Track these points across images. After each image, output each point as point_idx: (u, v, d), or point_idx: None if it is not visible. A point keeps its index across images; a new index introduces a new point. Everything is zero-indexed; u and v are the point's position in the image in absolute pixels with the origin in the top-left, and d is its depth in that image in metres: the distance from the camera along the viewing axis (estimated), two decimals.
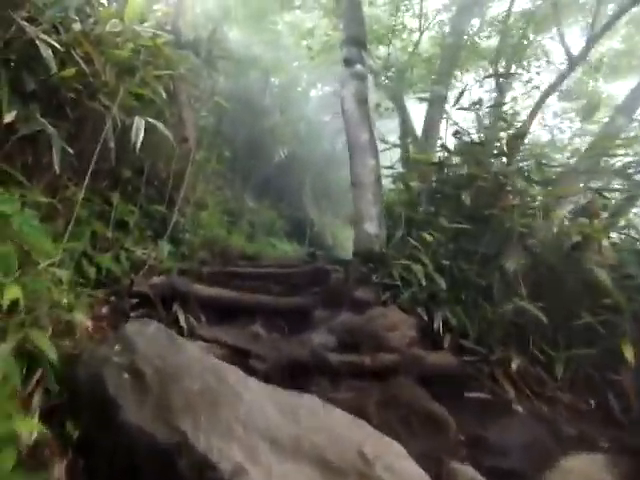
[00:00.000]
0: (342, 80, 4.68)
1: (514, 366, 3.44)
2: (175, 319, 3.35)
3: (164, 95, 4.59)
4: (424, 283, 3.71)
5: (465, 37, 6.31)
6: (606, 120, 7.13)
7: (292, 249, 10.09)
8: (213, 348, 3.05)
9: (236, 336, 3.31)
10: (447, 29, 6.75)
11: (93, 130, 4.12)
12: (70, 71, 3.23)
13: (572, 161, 5.16)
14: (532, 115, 5.75)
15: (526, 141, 4.54)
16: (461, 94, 4.42)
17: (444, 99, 5.88)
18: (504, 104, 5.25)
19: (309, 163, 11.44)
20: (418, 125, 6.25)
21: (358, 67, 4.61)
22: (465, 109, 4.52)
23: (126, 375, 2.07)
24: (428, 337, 3.69)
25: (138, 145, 3.42)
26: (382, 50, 7.26)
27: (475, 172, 3.98)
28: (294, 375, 3.01)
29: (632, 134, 6.95)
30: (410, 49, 7.06)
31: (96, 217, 4.58)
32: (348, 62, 4.60)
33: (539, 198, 4.10)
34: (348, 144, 4.54)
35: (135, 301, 3.42)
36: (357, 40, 4.67)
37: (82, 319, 2.62)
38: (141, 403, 1.92)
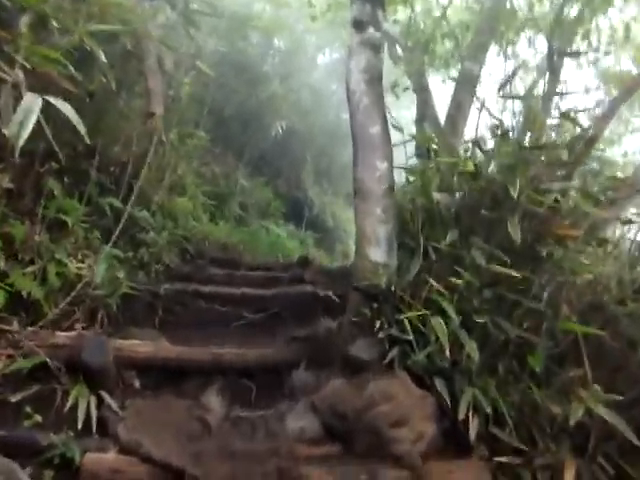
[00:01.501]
0: (350, 49, 3.40)
1: (569, 477, 2.36)
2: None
3: (103, 58, 3.33)
4: (446, 343, 2.57)
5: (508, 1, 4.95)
6: None
7: (288, 233, 8.91)
8: (132, 466, 1.94)
9: (173, 429, 2.20)
10: None
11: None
12: None
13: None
14: (607, 114, 4.42)
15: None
16: (512, 75, 3.18)
17: (476, 79, 4.58)
18: (566, 94, 3.99)
19: (311, 137, 10.08)
20: (440, 111, 4.99)
21: (371, 32, 3.32)
22: (514, 97, 3.27)
23: None
24: (447, 417, 2.59)
25: (26, 131, 2.17)
26: (401, 13, 5.86)
27: (526, 188, 2.76)
28: None
29: None
30: (437, 13, 5.67)
31: (21, 214, 3.46)
32: (358, 24, 3.31)
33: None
34: (353, 137, 3.30)
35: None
36: None
37: None
38: None
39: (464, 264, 2.85)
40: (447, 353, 2.51)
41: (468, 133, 4.59)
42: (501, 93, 3.33)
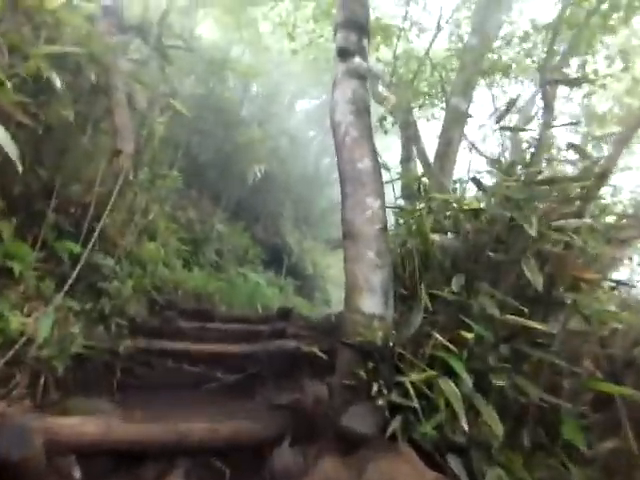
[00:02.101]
0: (334, 79, 3.09)
1: None
2: None
3: (58, 84, 2.94)
4: (461, 411, 2.11)
5: (496, 38, 4.80)
6: None
7: (267, 280, 8.43)
8: None
9: None
10: (468, 29, 5.24)
11: None
12: None
13: None
14: (619, 145, 4.17)
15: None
16: (509, 106, 2.89)
17: (465, 116, 4.35)
18: (576, 123, 3.74)
19: (289, 183, 9.79)
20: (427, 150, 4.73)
21: (357, 61, 3.03)
22: (513, 130, 2.98)
23: None
24: None
25: None
26: (385, 53, 5.68)
27: (540, 226, 2.40)
28: None
29: None
30: (418, 52, 5.51)
31: None
32: (344, 53, 3.01)
33: None
34: (339, 174, 2.92)
35: None
36: (357, 24, 3.10)
37: None
38: None
39: (471, 314, 2.43)
40: (463, 423, 2.04)
41: (457, 171, 4.31)
42: (497, 127, 3.03)
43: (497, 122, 2.90)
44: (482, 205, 2.98)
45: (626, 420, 2.08)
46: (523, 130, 2.97)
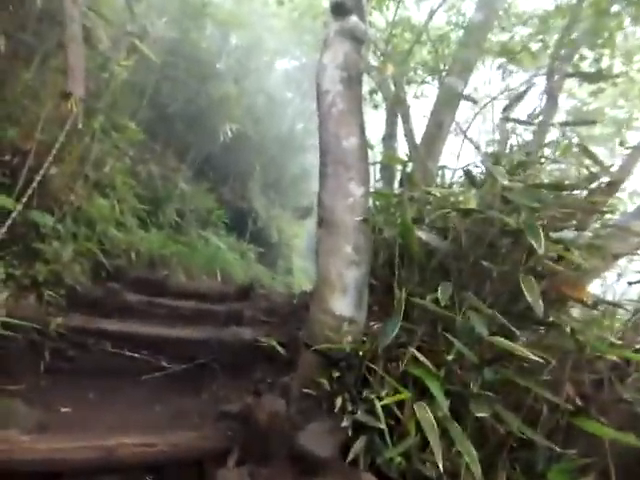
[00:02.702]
0: (325, 39, 2.64)
1: None
2: None
3: None
4: (437, 446, 1.83)
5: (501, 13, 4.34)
6: None
7: (229, 245, 8.00)
8: None
9: None
10: (471, 2, 4.79)
11: None
12: None
13: None
14: (630, 160, 3.81)
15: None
16: (522, 94, 2.54)
17: (459, 98, 3.94)
18: (593, 122, 3.42)
19: (261, 145, 9.21)
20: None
21: (354, 20, 2.59)
22: (522, 122, 2.65)
23: None
24: None
25: None
26: (378, 19, 5.15)
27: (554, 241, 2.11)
28: None
29: None
30: (415, 23, 5.02)
31: None
32: (339, 9, 2.55)
33: None
34: (321, 149, 2.52)
35: None
36: None
37: None
38: None
39: (454, 329, 2.14)
40: (437, 459, 1.76)
41: (444, 158, 3.96)
42: (501, 116, 2.68)
43: (504, 111, 2.55)
44: (472, 201, 2.67)
45: (610, 461, 1.87)
46: (530, 124, 2.65)
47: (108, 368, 2.65)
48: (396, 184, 3.84)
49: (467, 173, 2.74)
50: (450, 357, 2.03)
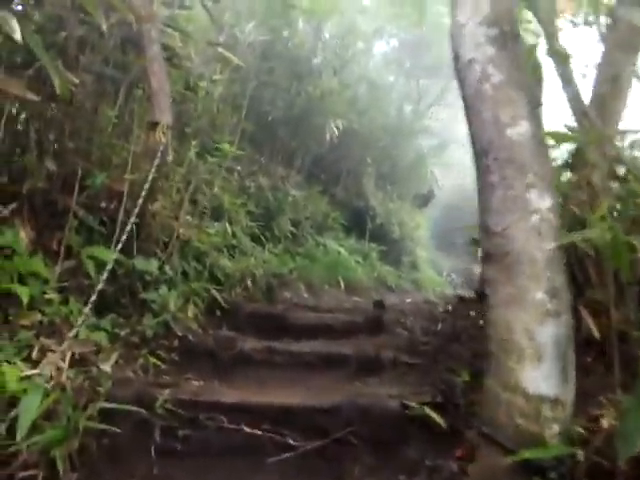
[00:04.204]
0: None
1: None
2: None
3: None
4: None
5: None
6: None
7: (349, 248, 7.38)
8: None
9: None
10: None
11: None
12: None
13: None
14: None
15: None
16: None
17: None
18: None
19: (370, 138, 8.43)
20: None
21: None
22: None
23: None
24: None
25: None
26: None
27: None
28: None
29: None
30: None
31: None
32: None
33: None
34: (473, 142, 1.67)
35: None
36: None
37: None
38: None
39: None
40: None
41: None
42: None
43: None
44: None
45: None
46: None
47: (223, 448, 2.12)
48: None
49: None
50: None
